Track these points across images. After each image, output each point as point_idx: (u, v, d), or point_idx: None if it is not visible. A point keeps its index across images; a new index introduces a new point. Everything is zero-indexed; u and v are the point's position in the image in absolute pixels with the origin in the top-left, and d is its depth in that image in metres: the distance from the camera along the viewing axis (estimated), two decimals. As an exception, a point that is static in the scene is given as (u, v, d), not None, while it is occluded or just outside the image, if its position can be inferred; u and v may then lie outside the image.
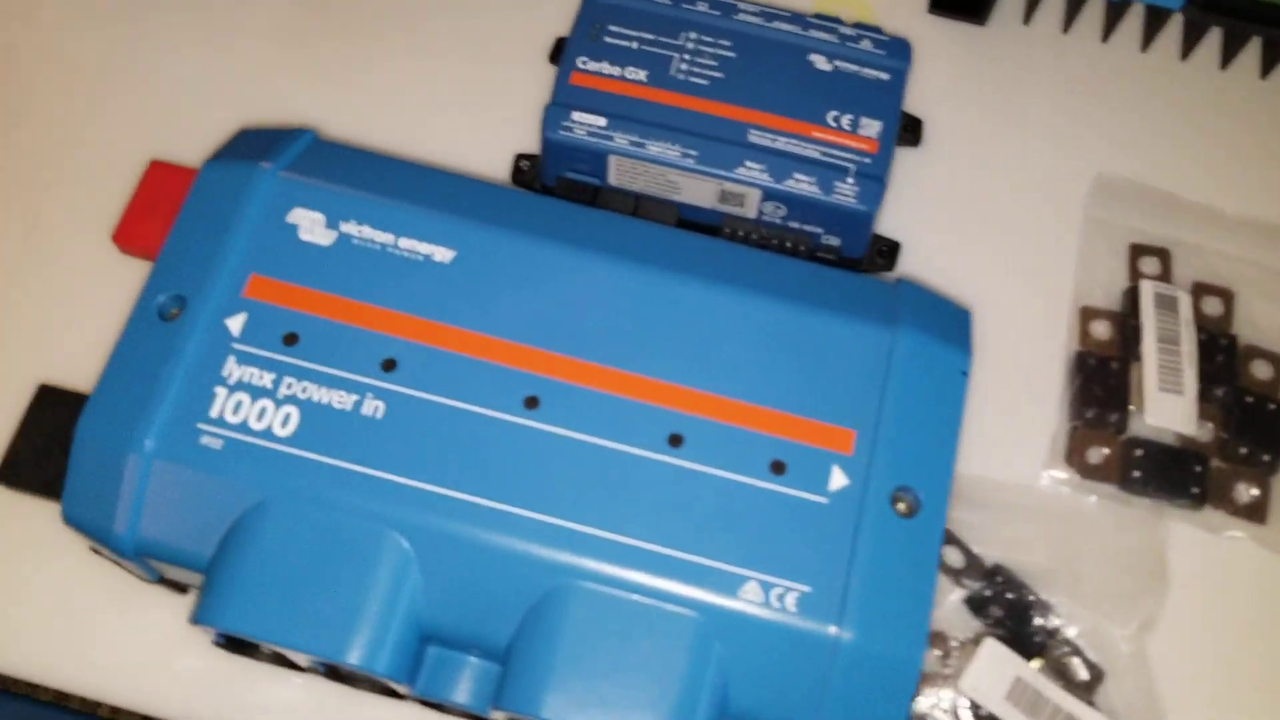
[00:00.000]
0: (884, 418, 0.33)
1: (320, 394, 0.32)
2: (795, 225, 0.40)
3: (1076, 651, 0.37)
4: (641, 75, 0.40)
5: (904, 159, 0.44)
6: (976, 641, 0.37)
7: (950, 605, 0.38)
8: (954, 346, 0.34)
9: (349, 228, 0.34)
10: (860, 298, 0.35)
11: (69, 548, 0.36)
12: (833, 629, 0.31)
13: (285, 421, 0.32)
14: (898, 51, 0.41)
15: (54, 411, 0.35)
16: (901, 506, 0.32)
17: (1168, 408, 0.40)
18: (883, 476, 0.32)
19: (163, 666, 0.36)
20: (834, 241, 0.40)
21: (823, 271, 0.36)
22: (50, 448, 0.35)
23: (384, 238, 0.34)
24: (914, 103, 0.45)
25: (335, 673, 0.33)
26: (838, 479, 0.32)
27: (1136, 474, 0.39)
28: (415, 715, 0.35)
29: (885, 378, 0.34)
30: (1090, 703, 0.37)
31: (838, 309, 0.35)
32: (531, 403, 0.33)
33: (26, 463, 0.35)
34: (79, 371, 0.38)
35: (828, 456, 0.33)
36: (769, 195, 0.39)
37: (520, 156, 0.43)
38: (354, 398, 0.32)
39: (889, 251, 0.42)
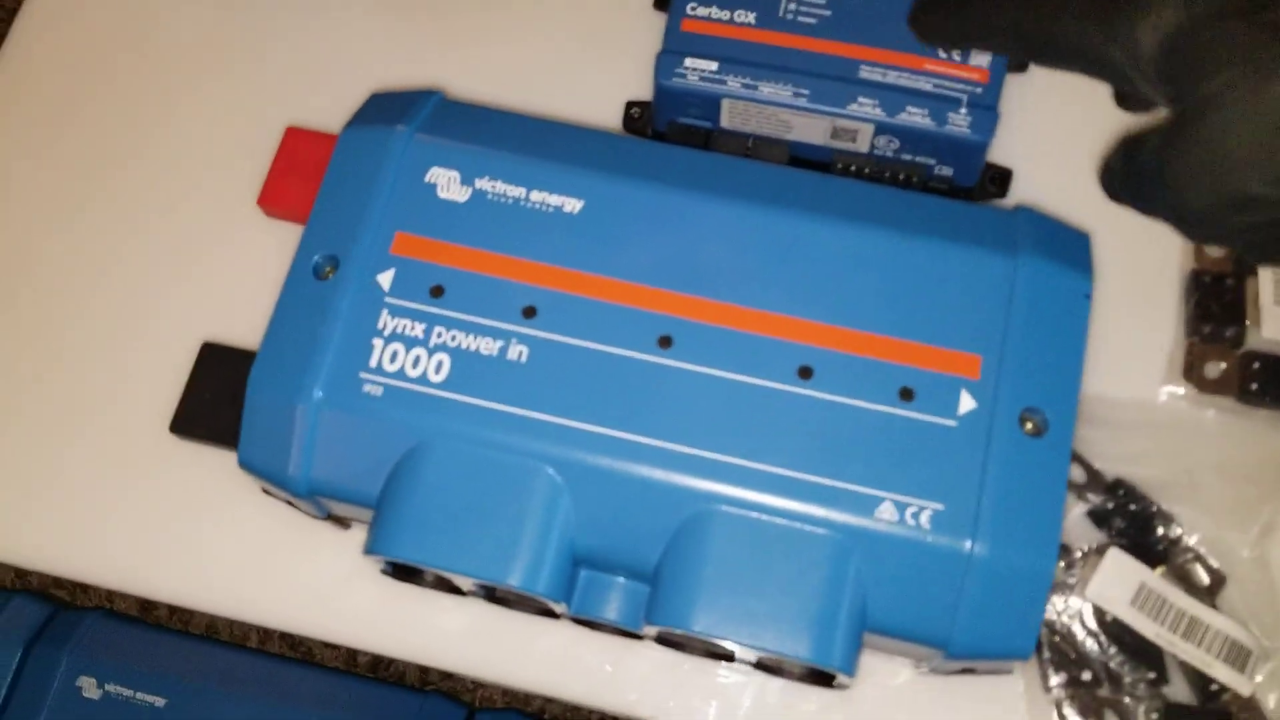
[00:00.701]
0: (1009, 342, 0.34)
1: (468, 341, 0.34)
2: (908, 158, 0.41)
3: (1198, 558, 0.38)
4: (750, 18, 0.41)
5: (1014, 85, 0.44)
6: (1100, 551, 0.38)
7: (1074, 518, 0.39)
8: (1076, 270, 0.35)
9: (483, 184, 0.36)
10: (980, 226, 0.36)
11: (239, 492, 0.39)
12: (967, 544, 0.32)
13: (438, 368, 0.34)
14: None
15: (218, 366, 0.38)
16: (1030, 426, 0.34)
17: (1286, 319, 0.40)
18: (1010, 399, 0.34)
19: (335, 595, 0.39)
20: (947, 172, 0.41)
21: (940, 202, 0.37)
22: (217, 400, 0.38)
23: (516, 191, 0.36)
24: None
25: (494, 595, 0.36)
26: (966, 403, 0.34)
27: (1254, 386, 0.40)
28: (569, 631, 0.38)
29: (1009, 303, 0.35)
30: (1213, 606, 0.38)
31: (958, 238, 0.36)
32: (665, 342, 0.34)
33: (196, 415, 0.38)
34: (237, 328, 0.41)
35: (955, 381, 0.34)
36: (881, 129, 0.40)
37: (631, 104, 0.44)
38: (499, 344, 0.34)
39: (1001, 179, 0.42)
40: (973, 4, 0.34)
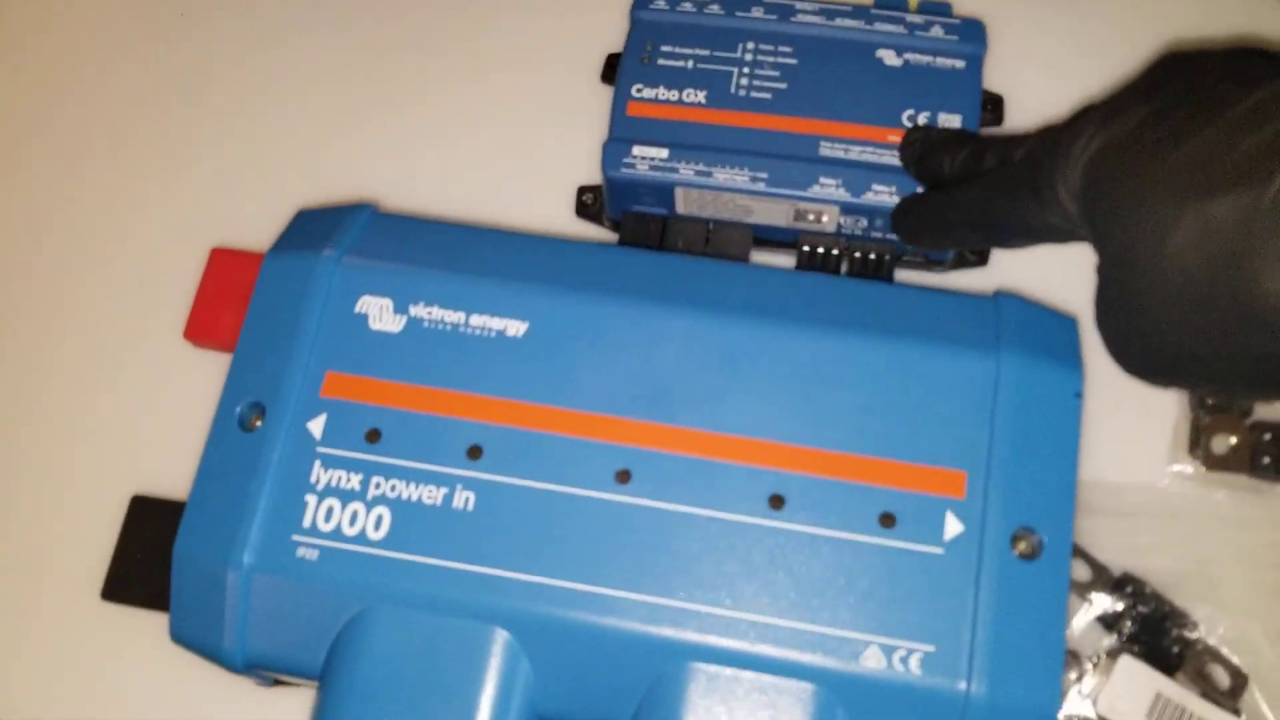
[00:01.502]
0: (995, 454, 0.31)
1: (409, 490, 0.32)
2: (878, 235, 0.38)
3: (1217, 657, 0.36)
4: (700, 96, 0.38)
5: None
6: (1112, 657, 0.35)
7: (1081, 623, 0.36)
8: (1063, 364, 0.32)
9: (418, 310, 0.33)
10: (957, 320, 0.33)
11: (183, 658, 0.36)
12: (962, 685, 0.30)
13: (378, 524, 0.31)
14: (971, 34, 0.38)
15: (150, 522, 0.35)
16: (1023, 547, 0.31)
17: (1297, 387, 0.37)
18: (1000, 518, 0.31)
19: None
20: (920, 249, 0.38)
21: (914, 294, 0.34)
22: (150, 559, 0.35)
23: (454, 317, 0.33)
24: (992, 76, 0.42)
25: (458, 761, 0.33)
26: (952, 526, 0.31)
27: (1266, 460, 0.37)
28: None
29: (993, 409, 0.32)
30: (1235, 710, 0.35)
31: (934, 337, 0.33)
32: (623, 476, 0.32)
33: (130, 577, 0.35)
34: (169, 477, 0.38)
35: (939, 503, 0.31)
36: (847, 210, 0.37)
37: (583, 189, 0.41)
38: (443, 491, 0.32)
39: (980, 251, 0.39)
40: (931, 213, 0.35)
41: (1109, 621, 0.36)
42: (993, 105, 0.41)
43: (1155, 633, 0.36)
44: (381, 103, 0.44)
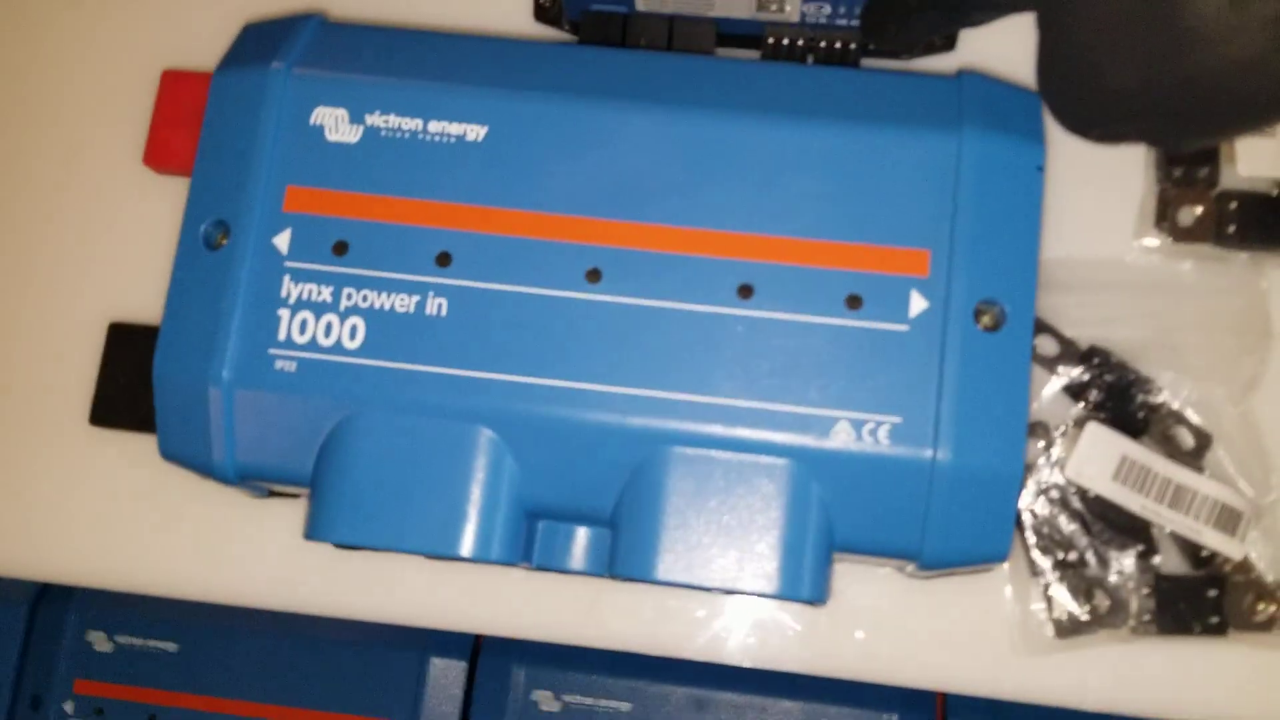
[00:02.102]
0: (958, 231, 0.32)
1: (381, 300, 0.32)
2: (843, 23, 0.37)
3: (1181, 420, 0.37)
4: (653, -117, 0.36)
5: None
6: (1079, 426, 0.36)
7: (1049, 395, 0.37)
8: (1025, 139, 0.32)
9: (374, 119, 0.33)
10: (919, 101, 0.33)
11: (174, 474, 0.37)
12: (929, 453, 0.31)
13: (353, 333, 0.32)
14: None
15: (129, 347, 0.36)
16: (986, 319, 0.31)
17: (1259, 154, 0.37)
18: (963, 293, 0.31)
19: (289, 565, 0.37)
20: (884, 33, 0.37)
21: (876, 77, 0.34)
22: (134, 384, 0.35)
23: (411, 124, 0.33)
24: None
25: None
26: (917, 303, 0.31)
27: (1232, 228, 0.37)
28: (538, 576, 0.37)
29: (955, 187, 0.32)
30: (1199, 469, 0.36)
31: (896, 119, 0.32)
32: (593, 275, 0.32)
33: (115, 402, 0.36)
34: (144, 303, 0.38)
35: (904, 282, 0.31)
36: (808, -5, 0.36)
37: (539, -10, 0.40)
38: (415, 298, 0.32)
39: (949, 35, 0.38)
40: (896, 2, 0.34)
41: (1076, 391, 0.37)
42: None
43: (1121, 400, 0.37)
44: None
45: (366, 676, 0.57)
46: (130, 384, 0.36)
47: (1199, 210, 0.38)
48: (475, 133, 0.33)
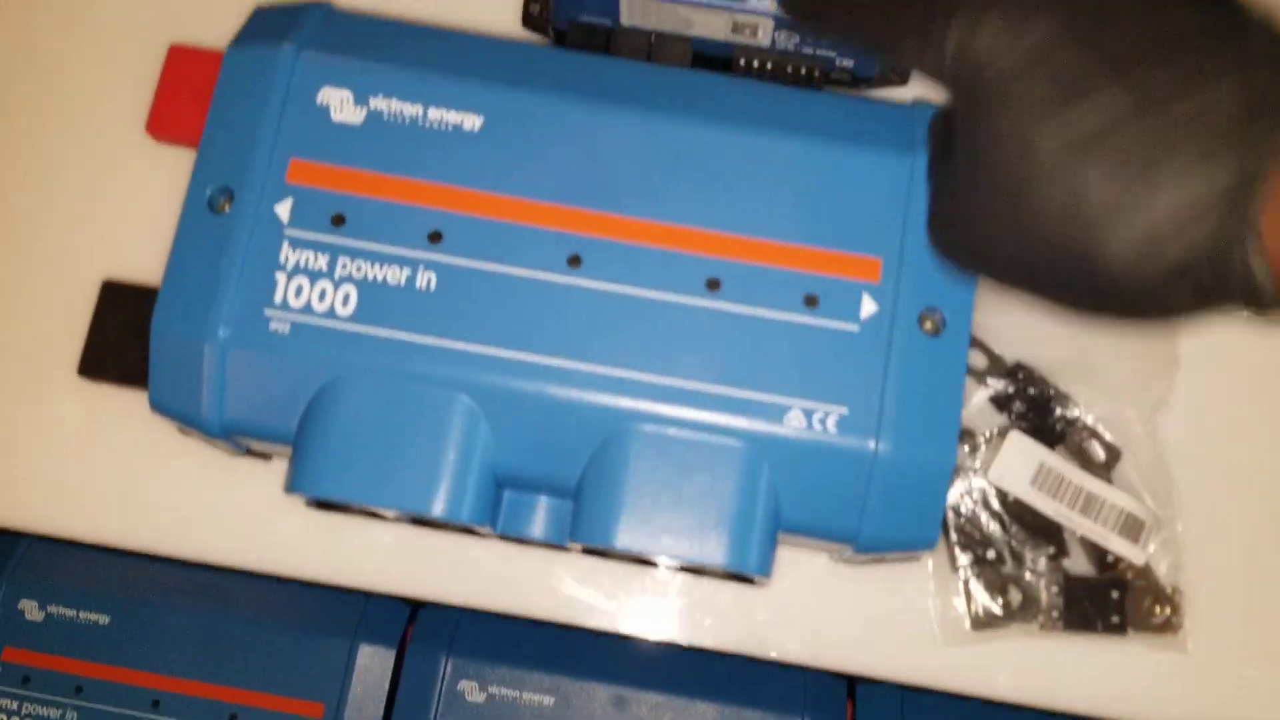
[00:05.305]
0: (907, 242, 0.35)
1: (374, 271, 0.34)
2: (809, 51, 0.40)
3: (1095, 434, 0.40)
4: (645, -92, 0.39)
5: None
6: (1002, 435, 0.40)
7: (977, 404, 0.40)
8: (972, 166, 0.36)
9: (378, 103, 0.35)
10: (878, 123, 0.36)
11: (155, 430, 0.39)
12: (871, 443, 0.34)
13: (345, 300, 0.34)
14: None
15: (120, 305, 0.37)
16: (929, 325, 0.34)
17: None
18: (909, 300, 0.34)
19: (261, 526, 0.39)
20: (848, 64, 0.41)
21: (839, 100, 0.37)
22: (123, 340, 0.37)
23: (412, 110, 0.35)
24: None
25: (419, 519, 0.37)
26: (868, 306, 0.34)
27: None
28: (498, 545, 0.39)
29: (906, 203, 0.35)
30: (1108, 480, 0.40)
31: (857, 138, 0.36)
32: (574, 261, 0.34)
33: (103, 356, 0.37)
34: (137, 264, 0.40)
35: (857, 286, 0.35)
36: (780, 24, 0.39)
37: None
38: (406, 271, 0.34)
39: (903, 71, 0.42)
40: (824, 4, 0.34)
41: (1001, 403, 0.40)
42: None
43: (1041, 413, 0.40)
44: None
45: (296, 659, 0.57)
46: (119, 339, 0.37)
47: (1119, 246, 0.41)
48: (473, 122, 0.35)
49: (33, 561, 0.61)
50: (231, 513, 0.39)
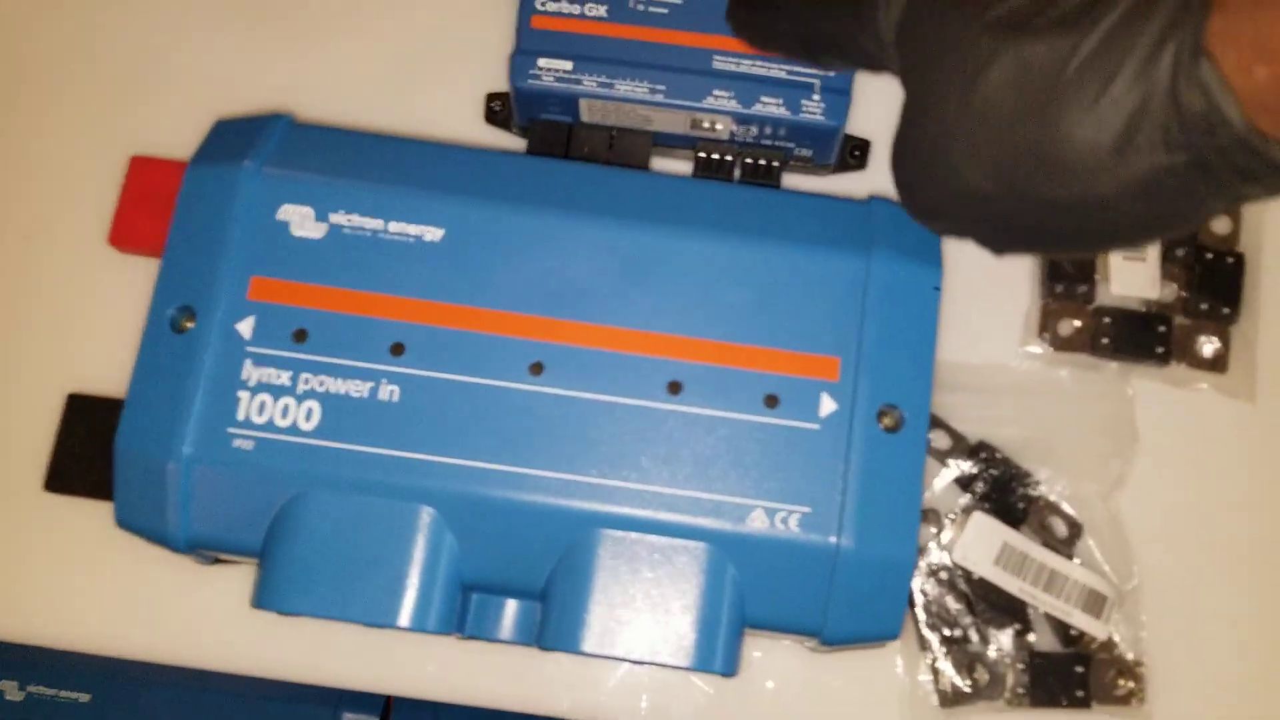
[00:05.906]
0: (864, 341, 0.35)
1: (336, 385, 0.34)
2: (768, 143, 0.41)
3: (1056, 511, 0.41)
4: (601, 10, 0.40)
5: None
6: (966, 514, 0.40)
7: (940, 485, 0.41)
8: (926, 264, 0.36)
9: (338, 218, 0.36)
10: (834, 222, 0.37)
11: (123, 538, 0.39)
12: (833, 540, 0.34)
13: (308, 416, 0.34)
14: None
15: (87, 418, 0.38)
16: (887, 421, 0.35)
17: (1131, 275, 0.42)
18: (867, 397, 0.35)
19: (232, 626, 0.39)
20: (807, 153, 0.41)
21: (795, 200, 0.38)
22: (89, 452, 0.37)
23: (373, 224, 0.36)
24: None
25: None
26: (827, 405, 0.35)
27: (1105, 340, 0.42)
28: (462, 645, 0.39)
29: (863, 302, 0.36)
30: (1070, 556, 0.40)
31: (813, 239, 0.36)
32: (536, 369, 0.35)
33: (70, 470, 0.37)
34: (102, 375, 0.40)
35: (816, 385, 0.35)
36: (739, 120, 0.40)
37: (492, 96, 0.43)
38: (369, 385, 0.34)
39: (860, 151, 0.43)
40: (761, 15, 0.36)
41: (964, 483, 0.41)
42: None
43: (1004, 492, 0.41)
44: (294, 6, 0.45)
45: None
46: (85, 452, 0.37)
47: (1077, 323, 0.42)
48: (433, 234, 0.36)
49: (9, 645, 0.61)
50: (202, 615, 0.39)
